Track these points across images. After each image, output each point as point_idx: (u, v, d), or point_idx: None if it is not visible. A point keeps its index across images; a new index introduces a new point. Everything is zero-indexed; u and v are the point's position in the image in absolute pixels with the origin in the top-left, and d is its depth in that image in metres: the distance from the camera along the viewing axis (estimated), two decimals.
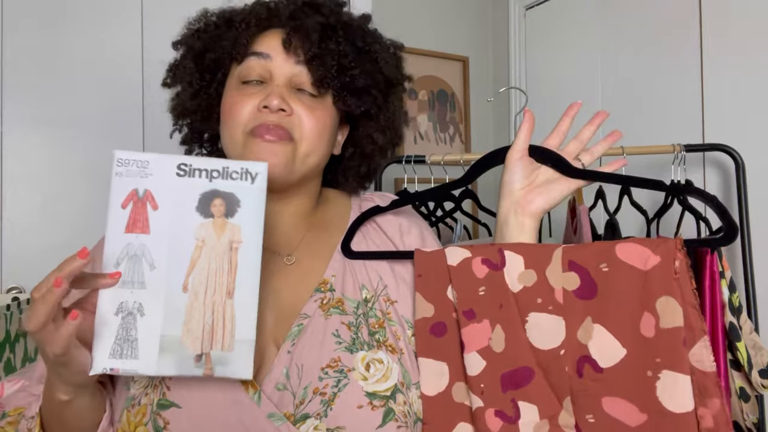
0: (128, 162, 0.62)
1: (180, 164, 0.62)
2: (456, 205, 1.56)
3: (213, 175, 0.62)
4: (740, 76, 1.53)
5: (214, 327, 0.61)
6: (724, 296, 1.32)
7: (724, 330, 1.31)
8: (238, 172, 0.63)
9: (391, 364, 0.71)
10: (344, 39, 0.77)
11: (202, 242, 0.62)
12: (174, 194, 0.62)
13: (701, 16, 1.62)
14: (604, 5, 1.91)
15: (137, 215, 0.61)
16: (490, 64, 2.37)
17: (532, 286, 0.70)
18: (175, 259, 0.61)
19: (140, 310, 0.60)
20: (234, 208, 0.63)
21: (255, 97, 0.73)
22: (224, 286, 0.61)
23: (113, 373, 0.59)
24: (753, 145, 1.47)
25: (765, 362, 1.29)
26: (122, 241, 0.60)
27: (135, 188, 0.61)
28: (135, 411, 0.67)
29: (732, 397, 1.32)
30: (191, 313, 0.60)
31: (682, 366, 0.63)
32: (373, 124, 0.83)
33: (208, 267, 0.61)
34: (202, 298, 0.61)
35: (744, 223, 1.42)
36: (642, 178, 0.74)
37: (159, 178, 0.62)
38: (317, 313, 0.73)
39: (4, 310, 1.31)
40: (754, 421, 1.32)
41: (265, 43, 0.76)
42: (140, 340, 0.59)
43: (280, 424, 0.65)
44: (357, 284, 0.78)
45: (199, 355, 0.60)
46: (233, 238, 0.62)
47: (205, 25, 0.80)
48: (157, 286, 0.60)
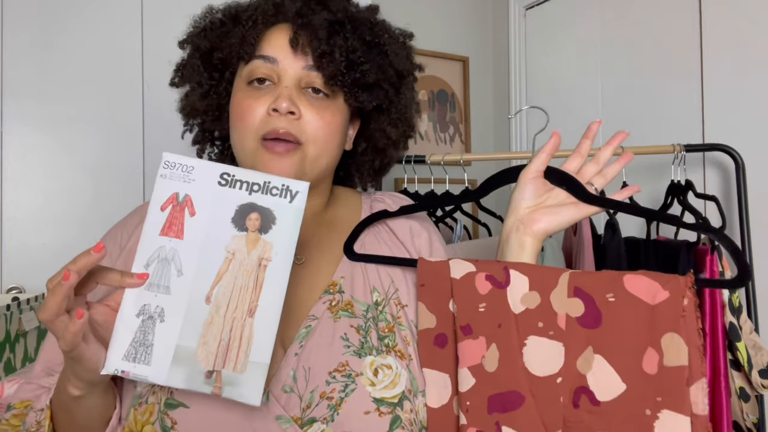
0: (174, 165, 0.61)
1: (223, 173, 0.62)
2: (456, 205, 1.56)
3: (253, 189, 0.62)
4: (740, 76, 1.53)
5: (230, 344, 0.60)
6: (724, 296, 1.32)
7: (724, 330, 1.31)
8: (278, 189, 0.62)
9: (400, 371, 0.70)
10: (352, 34, 0.75)
11: (233, 255, 0.61)
12: (213, 203, 0.61)
13: (701, 16, 1.62)
14: (604, 5, 1.91)
15: (174, 219, 0.61)
16: (490, 64, 2.37)
17: (534, 309, 0.68)
18: (203, 269, 0.60)
19: (161, 315, 0.59)
20: (269, 224, 0.62)
21: (264, 99, 0.72)
22: (247, 304, 0.60)
23: (123, 375, 0.59)
24: (753, 145, 1.47)
25: (765, 362, 1.29)
26: (156, 243, 0.60)
27: (176, 192, 0.61)
28: (142, 410, 0.67)
29: (732, 397, 1.32)
30: (210, 327, 0.60)
31: (683, 407, 0.60)
32: (385, 117, 0.82)
33: (234, 281, 0.60)
34: (222, 312, 0.60)
35: (744, 223, 1.42)
36: (659, 213, 0.72)
37: (201, 184, 0.61)
38: (326, 315, 0.73)
39: (4, 310, 1.30)
40: (754, 421, 1.32)
41: (272, 44, 0.74)
42: (156, 346, 0.59)
43: (287, 427, 0.65)
44: (368, 286, 0.77)
45: (210, 372, 0.59)
46: (264, 255, 0.61)
47: (210, 23, 0.79)
48: (181, 293, 0.60)
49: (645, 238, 1.41)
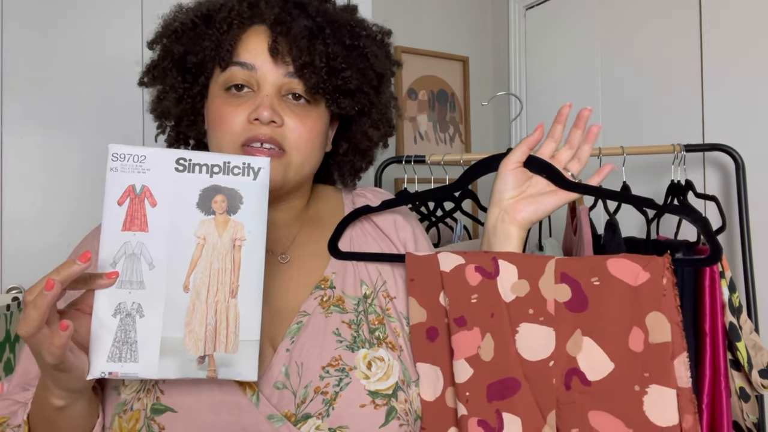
0: (124, 157, 0.59)
1: (179, 159, 0.60)
2: (456, 205, 1.56)
3: (214, 171, 0.60)
4: (740, 76, 1.53)
5: (217, 328, 0.59)
6: (724, 296, 1.32)
7: (724, 330, 1.31)
8: (240, 168, 0.61)
9: (392, 362, 0.71)
10: (333, 39, 0.74)
11: (204, 240, 0.60)
12: (173, 190, 0.60)
13: (701, 16, 1.62)
14: (604, 5, 1.91)
15: (135, 212, 0.59)
16: (490, 64, 2.37)
17: (524, 297, 0.70)
18: (176, 258, 0.59)
19: (139, 311, 0.58)
20: (236, 204, 0.61)
21: (244, 107, 0.71)
22: (227, 286, 0.60)
23: (112, 377, 0.57)
24: (753, 145, 1.47)
25: (765, 362, 1.29)
26: (119, 240, 0.58)
27: (132, 184, 0.59)
28: (127, 417, 0.65)
29: (732, 397, 1.32)
30: (193, 314, 0.59)
31: (669, 380, 0.63)
32: (366, 120, 0.82)
33: (210, 266, 0.60)
34: (204, 298, 0.59)
35: (744, 223, 1.41)
36: (632, 196, 0.75)
37: (157, 173, 0.59)
38: (317, 310, 0.73)
39: (4, 310, 1.30)
40: (754, 421, 1.32)
41: (250, 50, 0.72)
42: (140, 342, 0.57)
43: (279, 425, 0.64)
44: (357, 280, 0.77)
45: (202, 357, 0.59)
46: (236, 235, 0.60)
47: (182, 24, 0.76)
48: (156, 285, 0.58)
49: (645, 238, 1.41)
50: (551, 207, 0.75)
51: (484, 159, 0.79)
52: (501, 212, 0.76)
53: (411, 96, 2.10)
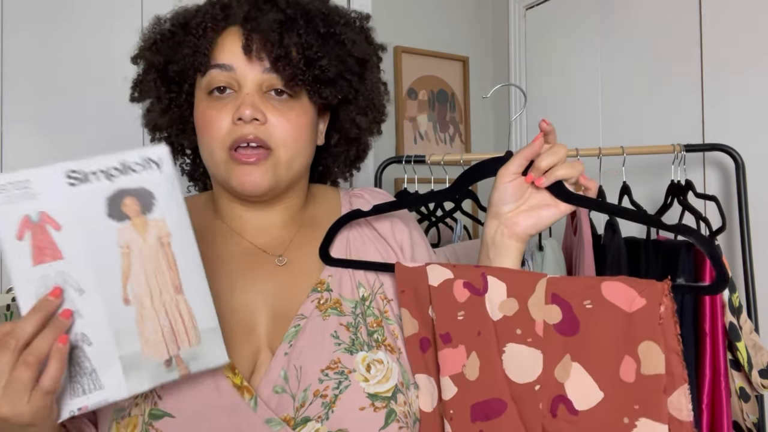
0: (6, 187, 0.53)
1: (68, 172, 0.55)
2: (456, 205, 1.56)
3: (111, 175, 0.56)
4: (740, 76, 1.53)
5: (174, 327, 0.57)
6: (724, 296, 1.32)
7: (724, 330, 1.31)
8: (140, 163, 0.57)
9: (391, 364, 0.71)
10: (306, 29, 0.73)
11: (128, 248, 0.56)
12: (75, 207, 0.55)
13: (701, 16, 1.62)
14: (604, 5, 1.91)
15: (40, 242, 0.53)
16: (490, 64, 2.37)
17: (512, 316, 0.67)
18: (104, 276, 0.55)
19: (85, 339, 0.55)
20: (149, 202, 0.57)
21: (227, 109, 0.71)
22: (169, 285, 0.57)
23: (82, 411, 0.55)
24: (753, 145, 1.47)
25: (765, 362, 1.29)
26: (34, 276, 0.53)
27: (26, 214, 0.53)
28: (125, 422, 0.65)
29: (732, 397, 1.32)
30: (143, 322, 0.56)
31: (660, 415, 0.60)
32: (352, 107, 0.81)
33: (144, 271, 0.56)
34: (149, 304, 0.56)
35: (744, 223, 1.41)
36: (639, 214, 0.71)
37: (49, 195, 0.54)
38: (314, 313, 0.72)
39: (4, 310, 1.30)
40: (754, 421, 1.32)
41: (226, 52, 0.72)
42: (99, 369, 0.55)
43: (278, 429, 0.64)
44: (354, 282, 0.77)
45: (168, 360, 0.57)
46: (161, 233, 0.57)
47: (161, 35, 0.76)
48: (93, 309, 0.55)
49: (645, 238, 1.41)
50: (551, 220, 0.72)
51: (480, 163, 0.75)
52: (499, 225, 0.73)
53: (411, 96, 2.10)
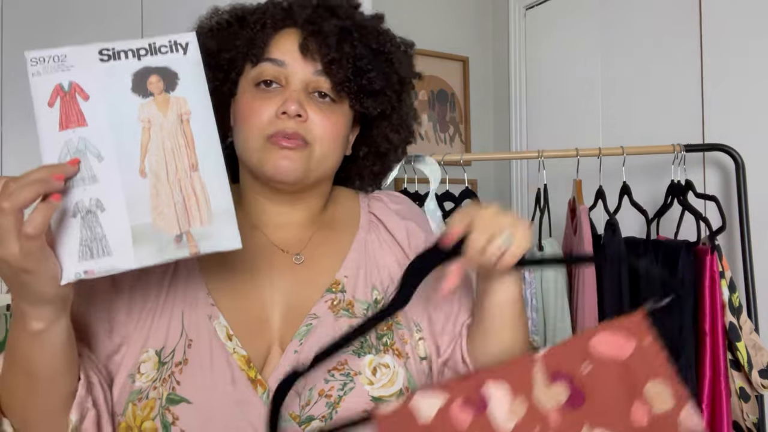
0: (44, 59, 0.57)
1: (101, 50, 0.58)
2: (456, 205, 1.56)
3: (141, 53, 0.58)
4: (740, 76, 1.53)
5: (187, 203, 0.57)
6: (724, 296, 1.32)
7: (724, 330, 1.31)
8: (167, 46, 0.59)
9: (397, 369, 0.71)
10: (360, 41, 0.76)
11: (148, 123, 0.58)
12: (104, 80, 0.57)
13: (701, 16, 1.62)
14: (604, 5, 1.91)
15: (68, 110, 0.56)
16: (490, 64, 2.37)
17: (524, 418, 0.62)
18: (124, 146, 0.57)
19: (99, 205, 0.55)
20: (173, 81, 0.59)
21: (272, 102, 0.73)
22: (185, 161, 0.58)
23: (88, 276, 0.55)
24: (753, 145, 1.47)
25: (765, 362, 1.29)
26: (59, 140, 0.56)
27: (59, 83, 0.56)
28: (142, 405, 0.65)
29: (732, 397, 1.32)
30: (158, 196, 0.57)
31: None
32: (387, 123, 0.83)
33: (162, 146, 0.58)
34: (164, 179, 0.57)
35: (744, 223, 1.42)
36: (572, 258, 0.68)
37: (82, 68, 0.57)
38: (327, 314, 0.73)
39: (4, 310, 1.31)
40: (754, 421, 1.32)
41: (281, 48, 0.75)
42: (108, 235, 0.55)
43: (286, 426, 0.65)
44: (368, 285, 0.77)
45: (179, 236, 0.57)
46: (181, 111, 0.58)
47: (217, 24, 0.79)
48: (110, 176, 0.56)
49: (645, 237, 1.41)
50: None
51: (419, 263, 0.68)
52: (485, 278, 0.72)
53: None
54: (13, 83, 1.53)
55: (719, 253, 1.34)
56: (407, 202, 0.88)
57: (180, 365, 0.67)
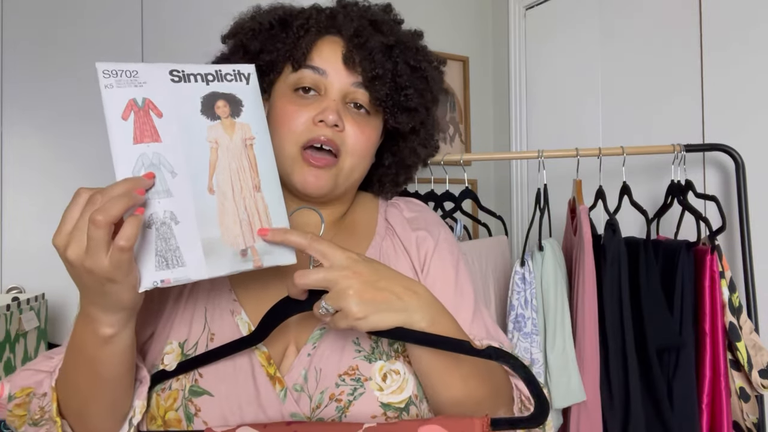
0: (116, 73, 0.59)
1: (172, 70, 0.61)
2: (456, 205, 1.56)
3: (208, 79, 0.62)
4: (740, 76, 1.53)
5: (251, 221, 0.61)
6: (724, 296, 1.32)
7: (724, 330, 1.31)
8: (232, 74, 0.64)
9: (408, 376, 0.71)
10: (401, 58, 0.78)
11: (216, 144, 0.62)
12: (175, 100, 0.60)
13: (701, 16, 1.62)
14: (604, 5, 1.91)
15: (143, 125, 0.59)
16: (490, 64, 2.37)
17: None
18: (193, 164, 0.60)
19: (173, 218, 0.58)
20: (238, 107, 0.63)
21: (309, 108, 0.74)
22: (249, 182, 0.62)
23: (164, 284, 0.57)
24: (753, 145, 1.47)
25: (765, 362, 1.29)
26: (134, 153, 0.58)
27: (133, 98, 0.59)
28: (165, 395, 0.67)
29: (732, 397, 1.32)
30: (224, 213, 0.60)
31: None
32: (416, 138, 0.85)
33: (228, 167, 0.62)
34: (231, 197, 0.61)
35: (744, 223, 1.42)
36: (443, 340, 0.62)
37: (154, 85, 0.60)
38: None
39: (4, 310, 1.31)
40: (754, 421, 1.32)
41: (323, 56, 0.76)
42: (182, 247, 0.58)
43: None
44: None
45: (244, 250, 0.61)
46: (245, 135, 0.63)
47: (259, 24, 0.80)
48: (183, 191, 0.59)
49: (645, 237, 1.41)
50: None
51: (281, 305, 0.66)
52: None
53: None
54: (14, 83, 1.53)
55: (719, 253, 1.34)
56: (423, 210, 0.88)
57: None
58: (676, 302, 1.35)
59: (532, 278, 1.41)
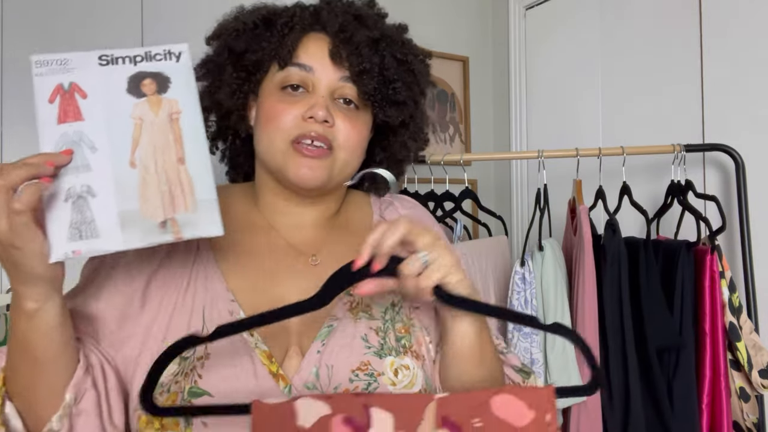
0: (48, 62, 0.62)
1: (101, 55, 0.63)
2: (456, 205, 1.56)
3: (137, 60, 0.64)
4: (740, 75, 1.53)
5: (172, 192, 0.61)
6: (724, 296, 1.32)
7: (724, 330, 1.31)
8: (161, 54, 0.64)
9: (416, 371, 0.72)
10: (387, 51, 0.78)
11: (140, 120, 0.62)
12: (101, 82, 0.62)
13: (701, 16, 1.62)
14: (604, 5, 1.91)
15: (67, 106, 0.61)
16: (490, 64, 2.37)
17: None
18: (117, 140, 0.61)
19: (90, 191, 0.60)
20: (165, 84, 0.64)
21: (298, 105, 0.74)
22: (173, 155, 0.62)
23: (75, 255, 0.58)
24: (753, 145, 1.47)
25: (765, 362, 1.30)
26: (56, 132, 0.60)
27: (60, 83, 0.61)
28: (163, 398, 0.67)
29: (732, 397, 1.32)
30: (145, 185, 0.61)
31: None
32: (405, 131, 0.85)
33: (152, 141, 0.62)
34: (153, 170, 0.61)
35: (744, 223, 1.42)
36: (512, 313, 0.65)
37: (82, 71, 0.62)
38: (346, 316, 0.74)
39: (4, 310, 1.31)
40: (754, 421, 1.32)
41: (309, 53, 0.76)
42: (97, 219, 0.59)
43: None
44: None
45: (164, 222, 0.60)
46: (171, 110, 0.63)
47: (243, 24, 0.80)
48: (102, 166, 0.60)
49: (645, 237, 1.41)
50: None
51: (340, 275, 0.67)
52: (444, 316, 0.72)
53: None
54: (14, 84, 1.53)
55: (719, 253, 1.34)
56: (416, 207, 0.89)
57: (202, 359, 0.68)
58: (676, 302, 1.35)
59: (532, 278, 1.41)
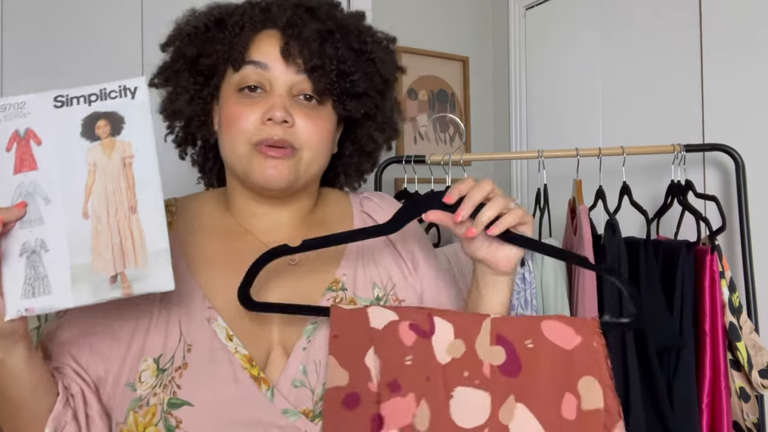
0: (6, 107, 0.61)
1: (56, 96, 0.62)
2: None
3: (91, 99, 0.62)
4: (740, 76, 1.53)
5: (123, 245, 0.60)
6: (724, 296, 1.32)
7: (724, 330, 1.31)
8: (116, 91, 0.63)
9: None
10: (342, 43, 0.76)
11: (94, 166, 0.61)
12: (56, 125, 0.61)
13: (701, 16, 1.62)
14: (604, 5, 1.91)
15: (23, 154, 0.60)
16: (490, 64, 2.37)
17: (460, 358, 0.66)
18: (69, 189, 0.60)
19: (43, 246, 0.59)
20: (119, 125, 0.62)
21: (256, 107, 0.73)
22: (125, 203, 0.60)
23: (29, 313, 0.58)
24: (753, 145, 1.47)
25: (765, 362, 1.29)
26: (13, 183, 0.59)
27: (15, 129, 0.61)
28: (143, 411, 0.66)
29: (732, 397, 1.32)
30: (98, 236, 0.59)
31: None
32: (371, 123, 0.83)
33: (105, 189, 0.60)
34: (105, 221, 0.60)
35: (744, 223, 1.41)
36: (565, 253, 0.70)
37: (38, 114, 0.61)
38: None
39: None
40: (754, 421, 1.32)
41: (262, 51, 0.74)
42: (50, 275, 0.58)
43: (295, 420, 0.66)
44: (369, 282, 0.78)
45: (114, 277, 0.59)
46: (125, 154, 0.61)
47: (195, 28, 0.78)
48: (55, 218, 0.59)
49: (645, 237, 1.41)
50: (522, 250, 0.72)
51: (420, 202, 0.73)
52: (483, 267, 0.73)
53: (411, 96, 2.10)
54: (14, 82, 1.53)
55: (719, 253, 1.34)
56: (395, 203, 0.89)
57: (180, 369, 0.67)
58: (676, 302, 1.34)
59: (532, 278, 1.41)
